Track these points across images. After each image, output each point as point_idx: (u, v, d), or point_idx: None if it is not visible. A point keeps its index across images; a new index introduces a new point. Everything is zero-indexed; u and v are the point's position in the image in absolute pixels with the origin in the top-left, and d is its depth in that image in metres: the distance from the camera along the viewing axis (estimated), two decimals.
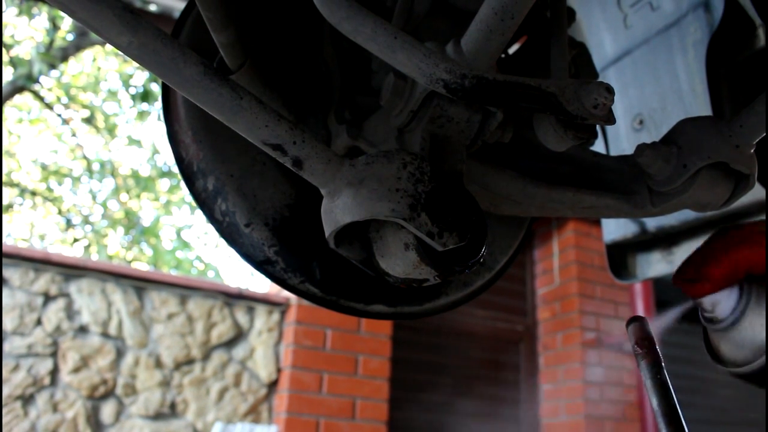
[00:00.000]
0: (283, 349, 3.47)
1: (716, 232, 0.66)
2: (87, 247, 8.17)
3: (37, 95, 7.27)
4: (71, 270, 3.14)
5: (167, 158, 8.53)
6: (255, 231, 0.81)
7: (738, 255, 0.62)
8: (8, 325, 2.93)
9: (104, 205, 8.36)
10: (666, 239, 1.34)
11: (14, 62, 6.49)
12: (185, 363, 3.26)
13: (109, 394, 3.07)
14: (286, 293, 3.51)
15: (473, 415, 4.01)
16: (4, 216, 7.79)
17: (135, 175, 8.38)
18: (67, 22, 6.55)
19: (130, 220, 8.22)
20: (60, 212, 8.29)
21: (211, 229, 0.83)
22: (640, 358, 0.63)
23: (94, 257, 7.82)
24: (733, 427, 4.44)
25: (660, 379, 0.60)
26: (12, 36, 6.96)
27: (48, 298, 3.06)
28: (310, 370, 3.35)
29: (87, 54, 7.58)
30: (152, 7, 3.64)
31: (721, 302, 0.64)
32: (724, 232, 0.65)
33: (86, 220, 8.32)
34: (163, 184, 8.56)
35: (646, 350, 0.62)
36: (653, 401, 0.60)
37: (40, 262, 3.06)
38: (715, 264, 0.63)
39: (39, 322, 3.01)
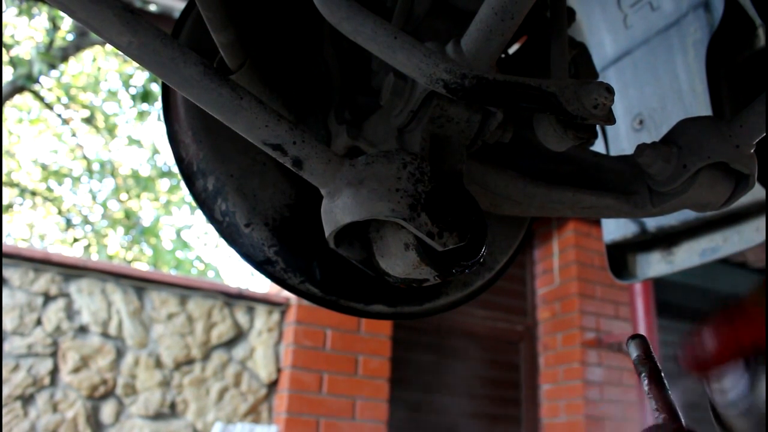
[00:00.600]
0: (283, 349, 3.46)
1: (718, 312, 0.65)
2: (87, 247, 8.17)
3: (37, 95, 7.27)
4: (71, 270, 3.13)
5: (167, 158, 8.53)
6: (255, 231, 0.81)
7: (741, 333, 0.61)
8: (8, 325, 2.93)
9: (104, 205, 8.36)
10: (666, 239, 1.34)
11: (14, 62, 6.49)
12: (185, 363, 3.26)
13: (109, 394, 3.06)
14: (286, 293, 3.51)
15: (473, 416, 4.01)
16: (4, 216, 7.79)
17: (135, 175, 8.38)
18: (67, 22, 6.55)
19: (130, 220, 8.22)
20: (60, 212, 8.29)
21: (211, 229, 0.83)
22: (643, 375, 0.62)
23: (94, 257, 7.81)
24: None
25: (663, 394, 0.60)
26: (12, 36, 6.96)
27: (48, 298, 3.06)
28: (310, 370, 3.35)
29: (87, 54, 7.57)
30: (152, 7, 3.64)
31: (728, 383, 0.63)
32: (726, 313, 0.64)
33: (86, 220, 8.32)
34: (163, 184, 8.56)
35: (648, 366, 0.62)
36: (659, 417, 0.59)
37: (40, 262, 3.06)
38: (720, 344, 0.62)
39: (39, 322, 3.01)
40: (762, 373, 0.60)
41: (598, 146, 1.38)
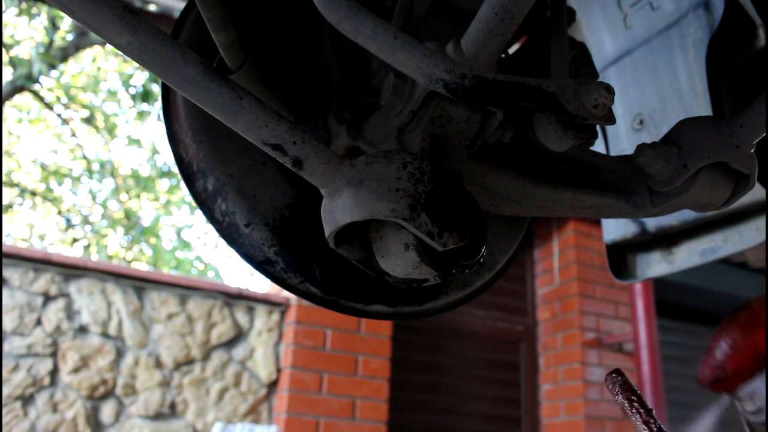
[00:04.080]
0: (283, 349, 3.46)
1: (726, 319, 0.62)
2: (87, 247, 8.17)
3: (37, 95, 7.27)
4: (71, 270, 3.13)
5: (167, 158, 8.53)
6: (255, 231, 0.81)
7: (756, 338, 0.59)
8: (8, 325, 2.93)
9: (104, 205, 8.37)
10: (666, 239, 1.34)
11: (14, 62, 6.49)
12: (185, 363, 3.26)
13: (109, 394, 3.06)
14: (286, 293, 3.51)
15: (473, 416, 4.01)
16: (4, 216, 7.79)
17: (135, 175, 8.38)
18: (67, 22, 6.55)
19: (130, 220, 8.22)
20: (60, 212, 8.29)
21: (211, 229, 0.83)
22: (633, 412, 0.61)
23: (94, 257, 7.81)
24: (733, 427, 4.43)
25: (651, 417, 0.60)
26: (12, 36, 6.96)
27: (48, 298, 3.06)
28: (310, 370, 3.35)
29: (87, 54, 7.58)
30: (152, 7, 3.64)
31: (757, 393, 0.61)
32: (735, 317, 0.61)
33: (86, 220, 8.32)
34: (163, 184, 8.56)
35: (636, 403, 0.61)
36: None
37: (40, 262, 3.06)
38: (736, 355, 0.60)
39: (39, 322, 3.01)
40: None
41: (598, 146, 1.38)
